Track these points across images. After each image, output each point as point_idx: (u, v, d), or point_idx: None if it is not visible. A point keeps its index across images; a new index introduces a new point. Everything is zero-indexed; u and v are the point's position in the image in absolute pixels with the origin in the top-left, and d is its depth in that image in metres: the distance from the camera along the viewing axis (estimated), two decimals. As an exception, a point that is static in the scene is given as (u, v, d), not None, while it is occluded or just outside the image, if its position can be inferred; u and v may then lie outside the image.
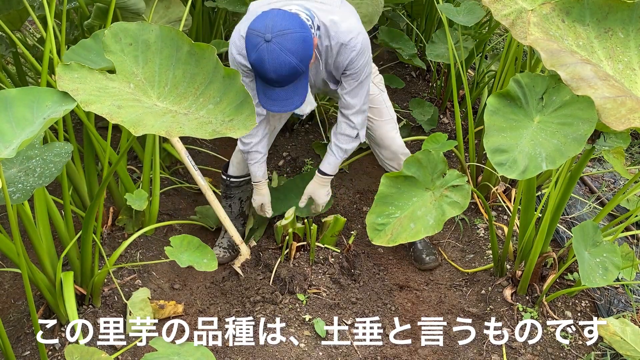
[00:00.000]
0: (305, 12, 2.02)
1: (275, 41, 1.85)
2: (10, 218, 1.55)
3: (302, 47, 1.89)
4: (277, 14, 1.90)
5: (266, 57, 1.87)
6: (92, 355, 1.71)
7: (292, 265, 2.43)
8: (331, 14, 2.09)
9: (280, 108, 2.01)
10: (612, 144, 1.99)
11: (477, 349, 2.23)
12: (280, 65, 1.88)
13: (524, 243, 2.30)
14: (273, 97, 1.99)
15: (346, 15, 2.13)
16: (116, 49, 1.66)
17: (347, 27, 2.08)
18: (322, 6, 2.10)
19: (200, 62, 1.67)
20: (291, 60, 1.88)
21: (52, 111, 1.47)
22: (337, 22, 2.08)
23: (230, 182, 2.60)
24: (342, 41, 2.08)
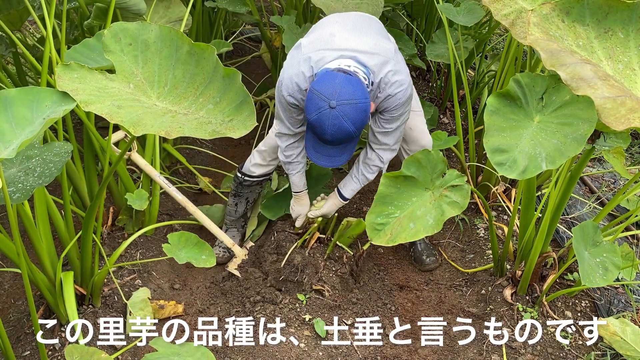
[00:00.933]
0: (362, 71, 2.05)
1: (339, 109, 1.92)
2: (10, 218, 1.55)
3: (362, 117, 1.96)
4: (344, 81, 1.94)
5: (327, 122, 1.94)
6: (92, 355, 1.71)
7: (307, 254, 2.42)
8: (387, 66, 2.10)
9: (327, 163, 2.10)
10: (612, 144, 1.99)
11: (477, 349, 2.23)
12: (339, 131, 1.95)
13: (524, 243, 2.30)
14: (323, 153, 2.07)
15: (398, 66, 2.14)
16: (116, 49, 1.67)
17: (399, 80, 2.11)
18: (379, 58, 2.10)
19: (200, 62, 1.67)
20: (349, 127, 1.95)
21: (51, 111, 1.47)
22: (391, 75, 2.11)
23: (244, 180, 2.60)
24: (389, 93, 2.13)
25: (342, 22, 2.24)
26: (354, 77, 1.97)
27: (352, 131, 1.96)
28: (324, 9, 2.77)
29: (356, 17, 2.30)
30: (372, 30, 2.22)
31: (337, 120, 1.93)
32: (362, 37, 2.14)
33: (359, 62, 2.06)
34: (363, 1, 2.90)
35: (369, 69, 2.08)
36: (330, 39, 2.13)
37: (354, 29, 2.19)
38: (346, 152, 2.08)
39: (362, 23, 2.25)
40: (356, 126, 1.96)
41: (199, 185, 3.10)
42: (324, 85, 1.94)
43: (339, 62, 2.04)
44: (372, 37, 2.16)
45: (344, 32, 2.16)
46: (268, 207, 2.73)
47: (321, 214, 2.50)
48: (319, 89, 1.94)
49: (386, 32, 2.34)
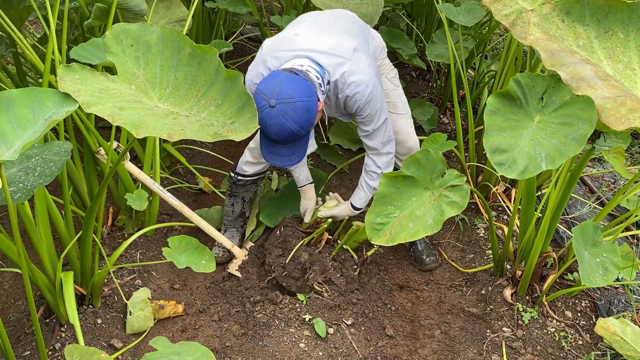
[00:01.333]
0: (315, 69, 2.05)
1: (278, 108, 1.92)
2: (11, 218, 1.55)
3: (304, 116, 1.95)
4: (286, 80, 1.94)
5: (269, 121, 1.94)
6: (92, 355, 1.71)
7: (316, 253, 2.43)
8: (342, 67, 2.11)
9: (280, 163, 2.08)
10: (612, 144, 1.99)
11: (477, 349, 2.23)
12: (281, 130, 1.95)
13: (524, 243, 2.30)
14: (273, 151, 2.06)
15: (356, 66, 2.13)
16: (117, 50, 1.66)
17: (355, 80, 2.12)
18: (335, 58, 2.11)
19: (202, 64, 1.67)
20: (292, 126, 1.94)
21: (53, 112, 1.47)
22: (346, 75, 2.11)
23: (237, 179, 2.60)
24: (347, 94, 2.14)
25: (312, 20, 2.25)
26: (298, 76, 1.98)
27: (294, 130, 1.95)
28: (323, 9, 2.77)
29: (330, 15, 2.30)
30: (338, 29, 2.21)
31: (278, 119, 1.93)
32: (324, 37, 2.15)
33: (313, 61, 2.07)
34: (363, 1, 2.90)
35: (324, 68, 2.08)
36: (293, 38, 2.15)
37: (320, 28, 2.20)
38: (297, 152, 2.07)
39: (332, 22, 2.25)
40: (299, 125, 1.95)
41: (199, 185, 3.11)
42: (266, 85, 1.95)
43: (293, 62, 2.06)
44: (334, 37, 2.16)
45: (308, 32, 2.17)
46: (268, 214, 2.73)
47: (331, 215, 2.52)
48: (261, 88, 1.95)
49: (361, 28, 2.32)
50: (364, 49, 2.22)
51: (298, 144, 2.05)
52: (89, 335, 2.17)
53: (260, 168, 2.58)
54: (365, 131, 2.28)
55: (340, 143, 3.33)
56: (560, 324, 2.26)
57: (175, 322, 2.34)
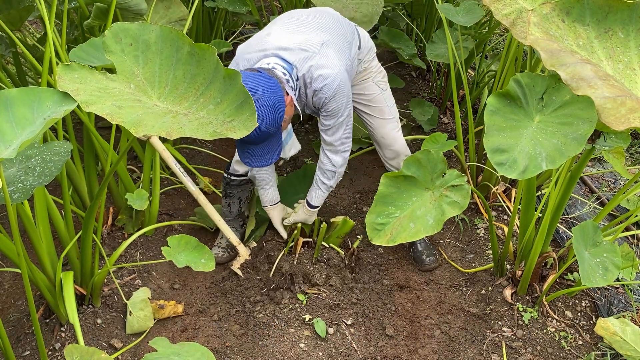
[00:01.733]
0: (282, 66, 2.05)
1: None
2: (11, 218, 1.55)
3: (270, 112, 1.94)
4: (248, 78, 1.93)
5: None
6: (92, 355, 1.70)
7: (295, 262, 2.43)
8: (309, 60, 2.10)
9: (256, 164, 2.08)
10: (612, 144, 1.99)
11: (477, 349, 2.23)
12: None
13: (524, 243, 2.30)
14: (248, 152, 2.05)
15: (323, 60, 2.12)
16: (116, 49, 1.66)
17: (321, 74, 2.11)
18: (302, 53, 2.10)
19: (201, 62, 1.66)
20: (260, 124, 1.92)
21: (52, 111, 1.47)
22: (313, 69, 2.10)
23: (231, 180, 2.60)
24: (315, 87, 2.13)
25: (286, 19, 2.25)
26: (260, 74, 1.97)
27: (262, 127, 1.93)
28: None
29: (306, 13, 2.29)
30: (311, 26, 2.21)
31: None
32: (294, 35, 2.15)
33: (280, 58, 2.06)
34: (363, 1, 2.90)
35: (292, 64, 2.08)
36: (264, 39, 2.15)
37: (293, 26, 2.20)
38: (272, 151, 2.06)
39: (306, 19, 2.25)
40: (265, 122, 1.94)
41: (199, 185, 3.10)
42: None
43: (261, 62, 2.06)
44: (304, 34, 2.15)
45: (280, 31, 2.17)
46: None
47: (294, 222, 2.52)
48: None
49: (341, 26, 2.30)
50: (335, 44, 2.20)
51: (271, 143, 2.04)
52: (89, 335, 2.16)
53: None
54: (326, 125, 2.25)
55: None
56: (560, 324, 2.26)
57: (175, 322, 2.34)
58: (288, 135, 2.41)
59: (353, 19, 2.78)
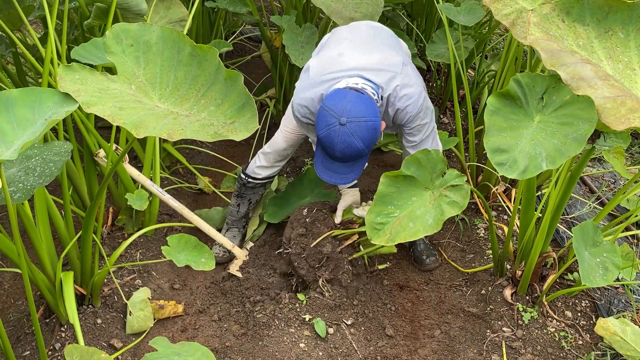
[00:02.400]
0: (371, 87, 2.06)
1: (349, 126, 1.93)
2: (11, 218, 1.55)
3: (372, 135, 1.97)
4: (355, 99, 1.95)
5: (337, 139, 1.95)
6: (92, 355, 1.71)
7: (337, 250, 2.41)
8: (394, 80, 2.11)
9: (336, 180, 2.09)
10: (612, 144, 1.99)
11: (477, 349, 2.23)
12: (348, 148, 1.96)
13: (524, 243, 2.30)
14: (331, 169, 2.07)
15: (407, 79, 2.14)
16: (117, 50, 1.66)
17: (407, 93, 2.12)
18: (386, 74, 2.11)
19: (202, 64, 1.67)
20: (359, 145, 1.96)
21: (53, 112, 1.47)
22: (398, 89, 2.12)
23: (248, 182, 2.60)
24: (399, 107, 2.14)
25: (352, 38, 2.25)
26: (365, 95, 1.99)
27: (361, 149, 1.97)
28: (324, 9, 2.77)
29: (367, 29, 2.31)
30: (381, 44, 2.23)
31: (347, 137, 1.94)
32: (370, 54, 2.15)
33: (365, 79, 2.07)
34: (363, 1, 2.90)
35: (378, 85, 2.09)
36: (338, 59, 2.15)
37: (363, 44, 2.21)
38: (355, 170, 2.09)
39: (371, 37, 2.26)
40: (365, 144, 1.97)
41: (199, 185, 3.11)
42: (334, 102, 1.96)
43: (347, 81, 2.06)
44: (379, 53, 2.16)
45: (352, 51, 2.17)
46: (272, 214, 2.73)
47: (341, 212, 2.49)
48: (329, 106, 1.96)
49: (396, 40, 2.34)
50: (409, 61, 2.25)
51: (358, 163, 2.07)
52: (89, 335, 2.17)
53: (272, 172, 2.58)
54: (412, 142, 2.27)
55: None
56: (560, 324, 2.26)
57: (175, 322, 2.34)
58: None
59: (353, 19, 2.78)
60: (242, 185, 2.63)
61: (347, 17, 2.78)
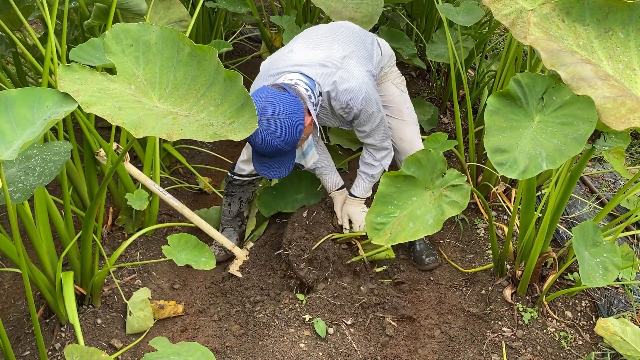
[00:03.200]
0: (304, 83, 2.09)
1: (262, 124, 1.96)
2: (11, 218, 1.55)
3: (288, 132, 1.99)
4: (272, 97, 1.98)
5: (253, 136, 1.98)
6: (92, 355, 1.71)
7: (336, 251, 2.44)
8: (332, 77, 2.14)
9: (268, 174, 2.13)
10: (612, 144, 1.99)
11: (477, 349, 2.23)
12: (264, 144, 1.99)
13: (524, 243, 2.30)
14: (262, 163, 2.10)
15: (346, 74, 2.16)
16: (117, 50, 1.66)
17: (347, 88, 2.15)
18: (324, 69, 2.15)
19: (202, 64, 1.66)
20: (275, 142, 1.98)
21: (52, 112, 1.47)
22: (338, 84, 2.15)
23: (234, 179, 2.61)
24: (341, 102, 2.18)
25: (308, 35, 2.30)
26: (285, 93, 2.01)
27: (278, 145, 2.00)
28: (324, 9, 2.77)
29: (326, 29, 2.33)
30: (332, 41, 2.25)
31: (262, 134, 1.97)
32: (315, 50, 2.18)
33: (302, 75, 2.10)
34: (363, 1, 2.90)
35: (314, 80, 2.12)
36: (287, 55, 2.18)
37: (314, 41, 2.24)
38: (285, 165, 2.11)
39: (326, 34, 2.29)
40: (283, 141, 1.99)
41: (199, 186, 3.11)
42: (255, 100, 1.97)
43: (284, 78, 2.10)
44: (326, 50, 2.19)
45: (302, 47, 2.21)
46: (265, 203, 2.72)
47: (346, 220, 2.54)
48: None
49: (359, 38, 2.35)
50: (356, 55, 2.25)
51: (285, 159, 2.09)
52: (89, 335, 2.17)
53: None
54: (363, 131, 2.32)
55: (340, 143, 3.33)
56: (560, 324, 2.26)
57: (175, 322, 2.34)
58: (309, 147, 2.45)
59: (353, 19, 2.78)
60: (228, 182, 2.64)
61: (347, 17, 2.78)
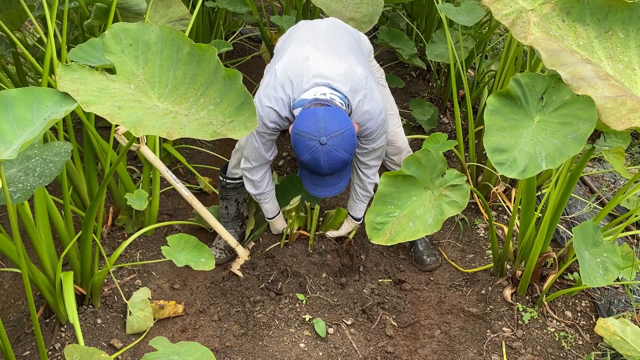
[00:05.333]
0: (339, 96, 2.08)
1: (330, 143, 1.97)
2: (11, 218, 1.55)
3: (352, 142, 2.02)
4: (326, 115, 1.98)
5: (322, 158, 1.98)
6: (92, 355, 1.70)
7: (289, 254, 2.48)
8: (358, 94, 2.14)
9: (329, 193, 2.14)
10: (612, 144, 1.99)
11: (477, 349, 2.23)
12: (335, 162, 2.01)
13: (524, 243, 2.30)
14: (322, 184, 2.11)
15: (370, 95, 2.16)
16: (116, 49, 1.66)
17: (368, 110, 2.15)
18: (350, 86, 2.13)
19: (201, 63, 1.66)
20: (343, 156, 2.01)
21: (52, 112, 1.47)
22: (361, 104, 2.15)
23: (227, 183, 2.60)
24: (359, 121, 2.17)
25: (314, 40, 2.25)
26: (333, 107, 2.01)
27: (346, 159, 2.03)
28: (324, 9, 2.77)
29: (327, 31, 2.30)
30: (344, 49, 2.24)
31: (331, 154, 1.98)
32: (335, 61, 2.16)
33: (332, 89, 2.09)
34: (363, 1, 2.90)
35: (345, 95, 2.12)
36: (305, 63, 2.15)
37: (326, 48, 2.21)
38: (344, 177, 2.14)
39: (333, 39, 2.26)
40: (349, 152, 2.02)
41: (199, 185, 3.10)
42: (307, 125, 1.98)
43: (314, 91, 2.08)
44: (344, 61, 2.17)
45: (316, 54, 2.18)
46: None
47: (338, 235, 2.60)
48: (304, 130, 1.98)
49: (356, 40, 2.36)
50: (369, 72, 2.27)
51: (345, 170, 2.11)
52: (89, 335, 2.16)
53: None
54: (365, 148, 2.30)
55: None
56: (560, 324, 2.26)
57: (175, 322, 2.34)
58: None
59: (353, 19, 2.78)
60: (222, 187, 2.64)
61: (347, 17, 2.78)
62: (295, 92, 2.11)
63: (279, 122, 2.17)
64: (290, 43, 2.29)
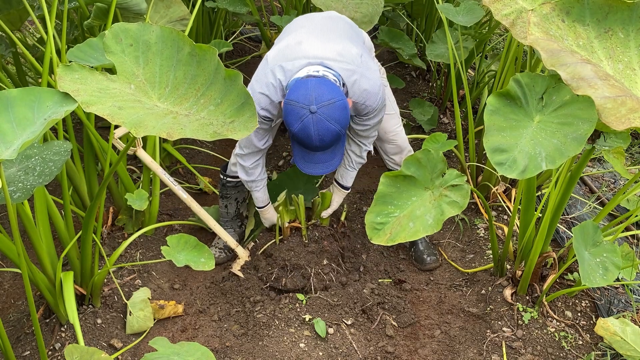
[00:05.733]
0: (332, 74, 2.07)
1: (320, 112, 1.94)
2: (11, 218, 1.55)
3: (344, 114, 1.99)
4: (317, 84, 1.96)
5: (312, 127, 1.96)
6: (92, 355, 1.70)
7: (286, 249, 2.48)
8: (353, 74, 2.12)
9: (322, 170, 2.11)
10: (612, 144, 1.99)
11: (477, 349, 2.23)
12: (326, 133, 1.97)
13: (524, 243, 2.30)
14: (314, 160, 2.08)
15: (367, 74, 2.15)
16: (117, 49, 1.66)
17: (366, 89, 2.14)
18: (345, 65, 2.12)
19: (202, 63, 1.67)
20: (335, 127, 1.98)
21: (52, 112, 1.47)
22: (358, 83, 2.13)
23: (227, 181, 2.60)
24: (357, 100, 2.16)
25: (309, 26, 2.25)
26: (325, 79, 2.00)
27: (337, 130, 1.99)
28: (323, 9, 2.77)
29: (323, 20, 2.31)
30: (339, 35, 2.23)
31: (322, 123, 1.95)
32: (329, 43, 2.16)
33: (325, 67, 2.08)
34: (363, 1, 2.90)
35: (338, 73, 2.10)
36: (297, 47, 2.15)
37: (321, 33, 2.21)
38: (337, 155, 2.10)
39: (329, 27, 2.26)
40: (341, 124, 1.99)
41: (199, 185, 3.11)
42: (298, 94, 1.97)
43: (307, 70, 2.06)
44: (338, 43, 2.17)
45: (310, 38, 2.18)
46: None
47: (332, 211, 2.58)
48: (295, 99, 1.97)
49: (354, 31, 2.36)
50: (366, 53, 2.25)
51: (337, 146, 2.08)
52: (89, 335, 2.16)
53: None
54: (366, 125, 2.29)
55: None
56: (560, 324, 2.26)
57: (175, 322, 2.34)
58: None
59: (353, 19, 2.78)
60: (222, 185, 2.63)
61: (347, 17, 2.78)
62: (287, 75, 2.10)
63: (270, 109, 2.15)
64: (286, 35, 2.30)
